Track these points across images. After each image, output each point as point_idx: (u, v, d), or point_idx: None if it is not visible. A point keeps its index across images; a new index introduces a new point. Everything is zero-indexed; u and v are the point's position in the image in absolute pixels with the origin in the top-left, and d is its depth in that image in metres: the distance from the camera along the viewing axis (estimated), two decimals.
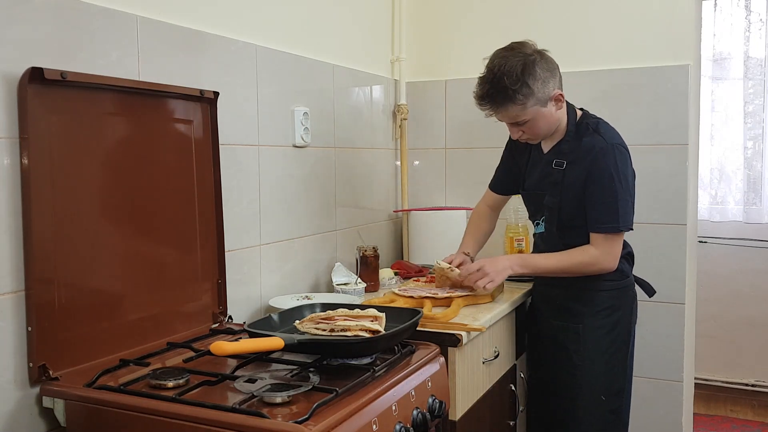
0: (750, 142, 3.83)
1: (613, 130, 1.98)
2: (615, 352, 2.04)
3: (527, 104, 1.87)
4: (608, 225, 1.91)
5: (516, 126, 1.95)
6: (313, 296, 2.00)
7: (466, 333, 1.75)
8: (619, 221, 1.90)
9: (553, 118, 1.94)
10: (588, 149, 1.92)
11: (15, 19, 1.31)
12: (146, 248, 1.58)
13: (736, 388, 3.90)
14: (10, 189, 1.31)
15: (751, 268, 3.86)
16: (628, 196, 1.93)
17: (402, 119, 2.79)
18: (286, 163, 2.13)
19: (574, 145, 1.97)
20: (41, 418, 1.36)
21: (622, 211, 1.90)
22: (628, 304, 2.07)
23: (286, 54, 2.11)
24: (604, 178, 1.90)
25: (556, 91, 1.91)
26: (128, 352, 1.50)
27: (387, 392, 1.33)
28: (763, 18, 3.75)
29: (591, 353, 2.01)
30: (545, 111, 1.91)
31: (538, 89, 1.86)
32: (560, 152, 1.99)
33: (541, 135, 1.98)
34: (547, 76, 1.89)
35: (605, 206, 1.90)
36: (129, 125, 1.54)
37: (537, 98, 1.87)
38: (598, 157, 1.90)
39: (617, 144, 1.93)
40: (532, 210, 2.13)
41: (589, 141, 1.93)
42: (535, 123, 1.92)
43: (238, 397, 1.22)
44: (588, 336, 2.01)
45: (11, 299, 1.31)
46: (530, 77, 1.85)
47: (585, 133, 1.96)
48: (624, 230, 1.93)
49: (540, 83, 1.86)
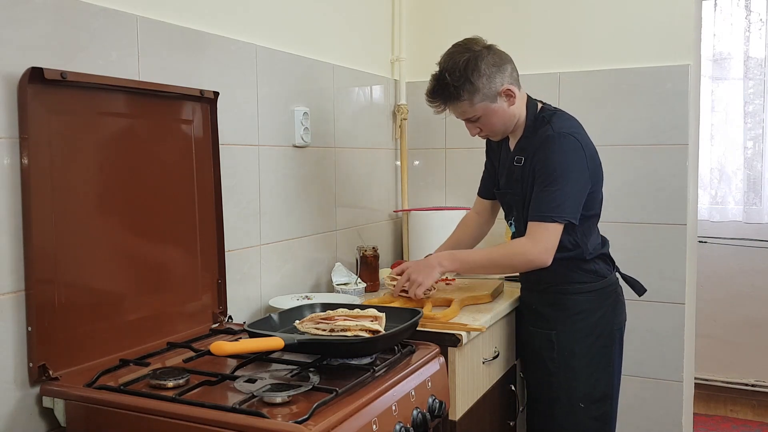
0: (750, 142, 3.84)
1: (568, 121, 1.92)
2: (595, 358, 1.95)
3: (474, 101, 1.84)
4: (542, 214, 1.81)
5: (470, 123, 1.93)
6: (313, 296, 2.00)
7: (466, 333, 1.75)
8: (554, 211, 1.80)
9: (506, 114, 1.90)
10: (537, 141, 1.88)
11: (15, 19, 1.31)
12: (146, 248, 1.58)
13: (736, 388, 3.90)
14: (10, 189, 1.31)
15: (751, 268, 3.86)
16: (571, 187, 1.82)
17: (402, 119, 2.79)
18: (286, 163, 2.13)
19: (531, 140, 1.92)
20: (41, 418, 1.36)
21: (560, 201, 1.80)
22: (609, 305, 1.97)
23: (286, 54, 2.11)
24: (545, 166, 1.83)
25: (504, 87, 1.86)
26: (128, 352, 1.50)
27: (387, 392, 1.33)
28: (763, 18, 3.75)
29: (566, 359, 1.94)
30: (495, 107, 1.87)
31: (483, 85, 1.83)
32: (520, 148, 1.95)
33: (498, 131, 1.95)
34: (493, 71, 1.84)
35: (544, 195, 1.82)
36: (129, 125, 1.54)
37: (484, 94, 1.84)
38: (542, 146, 1.85)
39: (566, 133, 1.85)
40: (506, 210, 2.09)
41: (542, 133, 1.88)
42: (488, 119, 1.89)
43: (238, 397, 1.22)
44: (562, 342, 1.94)
45: (11, 299, 1.31)
46: (474, 73, 1.82)
47: (539, 126, 1.91)
48: (559, 221, 1.80)
49: (485, 79, 1.83)
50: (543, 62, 2.61)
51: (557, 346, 1.95)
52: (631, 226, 2.51)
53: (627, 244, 2.48)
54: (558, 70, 2.59)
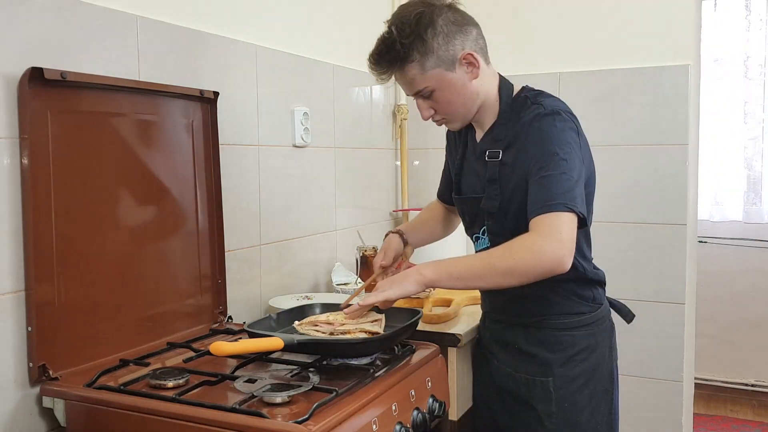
0: (750, 142, 3.84)
1: (559, 101, 1.53)
2: (599, 406, 1.57)
3: (425, 64, 1.47)
4: (549, 203, 1.37)
5: (421, 98, 1.54)
6: (313, 296, 2.00)
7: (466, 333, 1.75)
8: (562, 198, 1.37)
9: (466, 90, 1.52)
10: (525, 124, 1.49)
11: (15, 19, 1.31)
12: (146, 248, 1.58)
13: (736, 388, 3.90)
14: (10, 189, 1.31)
15: (751, 268, 3.86)
16: (577, 172, 1.41)
17: (402, 119, 2.79)
18: (286, 163, 2.13)
19: (510, 127, 1.53)
20: (41, 418, 1.36)
21: (567, 188, 1.38)
22: (607, 339, 1.60)
23: (286, 54, 2.11)
24: (542, 150, 1.43)
25: (465, 51, 1.49)
26: (128, 352, 1.50)
27: (387, 392, 1.33)
28: (763, 18, 3.75)
29: (568, 414, 1.54)
30: (453, 77, 1.49)
31: (438, 45, 1.46)
32: (494, 139, 1.55)
33: (456, 112, 1.55)
34: (452, 30, 1.48)
35: (545, 182, 1.39)
36: (129, 125, 1.54)
37: (438, 57, 1.47)
38: (533, 127, 1.46)
39: (559, 110, 1.47)
40: (469, 221, 1.66)
41: (527, 114, 1.50)
42: (443, 94, 1.51)
43: (238, 397, 1.22)
44: (562, 391, 1.53)
45: (11, 299, 1.31)
46: (428, 30, 1.46)
47: (522, 108, 1.52)
48: (574, 210, 1.36)
49: (441, 38, 1.46)
50: (543, 62, 2.62)
51: (556, 397, 1.54)
52: (631, 226, 2.51)
53: (627, 244, 2.48)
54: (558, 70, 2.59)
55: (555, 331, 1.55)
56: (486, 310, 1.72)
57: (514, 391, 1.60)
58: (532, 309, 1.56)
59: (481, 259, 1.45)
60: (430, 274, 1.42)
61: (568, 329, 1.55)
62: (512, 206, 1.50)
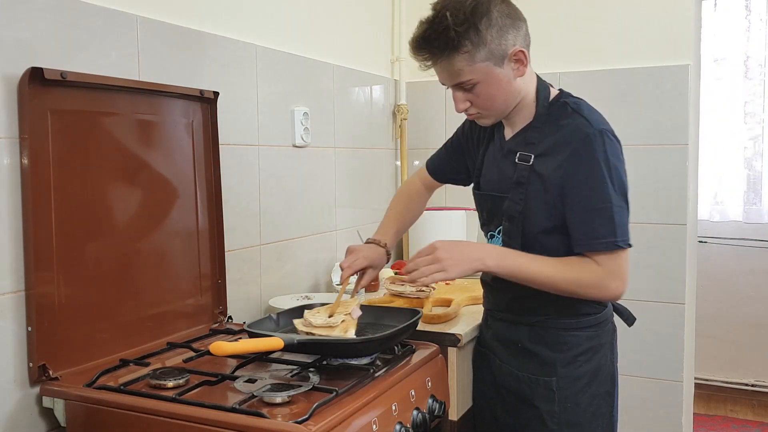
0: (750, 142, 3.84)
1: (598, 113, 1.51)
2: (600, 408, 1.56)
3: (475, 56, 1.40)
4: (606, 240, 1.41)
5: (461, 91, 1.47)
6: (313, 296, 2.00)
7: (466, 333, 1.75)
8: (617, 234, 1.41)
9: (511, 88, 1.47)
10: (567, 137, 1.45)
11: (15, 19, 1.31)
12: (146, 248, 1.58)
13: (736, 388, 3.90)
14: (10, 189, 1.31)
15: (751, 268, 3.86)
16: (623, 201, 1.44)
17: (402, 119, 2.79)
18: (286, 163, 2.13)
19: (546, 132, 1.49)
20: (41, 418, 1.36)
21: (618, 221, 1.42)
22: (608, 340, 1.59)
23: (286, 54, 2.11)
24: (591, 176, 1.41)
25: (517, 47, 1.44)
26: (128, 352, 1.50)
27: (387, 392, 1.33)
28: (763, 18, 3.75)
29: (570, 414, 1.53)
30: (500, 73, 1.44)
31: (492, 38, 1.40)
32: (527, 141, 1.51)
33: (496, 109, 1.50)
34: (506, 24, 1.42)
35: (598, 215, 1.41)
36: (129, 125, 1.54)
37: (490, 51, 1.41)
38: (582, 147, 1.42)
39: (606, 130, 1.45)
40: (486, 217, 1.62)
41: (568, 125, 1.46)
42: (486, 89, 1.45)
43: (238, 397, 1.22)
44: (565, 391, 1.52)
45: (11, 299, 1.31)
46: (483, 20, 1.39)
47: (562, 116, 1.48)
48: (625, 246, 1.43)
49: (495, 31, 1.40)
50: (543, 62, 2.59)
51: (558, 397, 1.52)
52: (631, 226, 2.50)
53: None
54: (558, 70, 2.59)
55: (560, 331, 1.54)
56: (489, 307, 1.69)
57: (516, 389, 1.58)
58: (538, 308, 1.54)
59: (552, 270, 1.44)
60: (493, 264, 1.44)
61: (573, 329, 1.54)
62: (532, 213, 1.49)
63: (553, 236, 1.48)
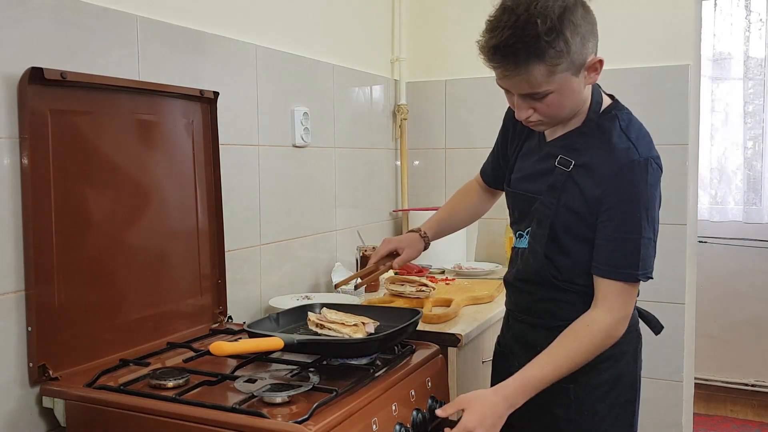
0: (750, 142, 3.84)
1: (647, 136, 1.44)
2: (619, 417, 1.51)
3: (558, 67, 1.27)
4: (627, 271, 1.36)
5: (529, 100, 1.35)
6: (313, 296, 2.00)
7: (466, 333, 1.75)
8: (638, 267, 1.35)
9: (580, 96, 1.38)
10: (612, 159, 1.37)
11: (15, 19, 1.31)
12: (146, 248, 1.58)
13: (736, 388, 3.90)
14: (10, 189, 1.31)
15: (751, 268, 3.86)
16: (652, 233, 1.38)
17: (402, 119, 2.79)
18: (286, 163, 2.13)
19: (591, 144, 1.41)
20: (41, 418, 1.36)
21: (644, 253, 1.36)
22: (633, 348, 1.52)
23: (286, 54, 2.11)
24: (628, 205, 1.36)
25: (596, 57, 1.35)
26: (128, 352, 1.50)
27: (387, 392, 1.33)
28: (763, 18, 3.75)
29: (586, 422, 1.48)
30: (575, 83, 1.33)
31: (576, 48, 1.27)
32: (570, 146, 1.43)
33: (560, 118, 1.41)
34: (588, 31, 1.31)
35: (624, 244, 1.36)
36: (129, 125, 1.54)
37: (571, 61, 1.28)
38: (626, 174, 1.36)
39: (652, 158, 1.38)
40: (517, 216, 1.56)
41: (615, 147, 1.38)
42: (558, 98, 1.34)
43: (238, 397, 1.22)
44: (582, 399, 1.47)
45: (11, 299, 1.31)
46: (570, 27, 1.26)
47: (611, 131, 1.40)
48: (643, 280, 1.38)
49: (579, 39, 1.28)
50: None
51: (575, 404, 1.47)
52: None
53: None
54: None
55: None
56: (510, 308, 1.64)
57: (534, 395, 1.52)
58: (559, 313, 1.47)
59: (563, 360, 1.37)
60: (521, 400, 1.35)
61: None
62: (559, 220, 1.43)
63: (579, 245, 1.43)
